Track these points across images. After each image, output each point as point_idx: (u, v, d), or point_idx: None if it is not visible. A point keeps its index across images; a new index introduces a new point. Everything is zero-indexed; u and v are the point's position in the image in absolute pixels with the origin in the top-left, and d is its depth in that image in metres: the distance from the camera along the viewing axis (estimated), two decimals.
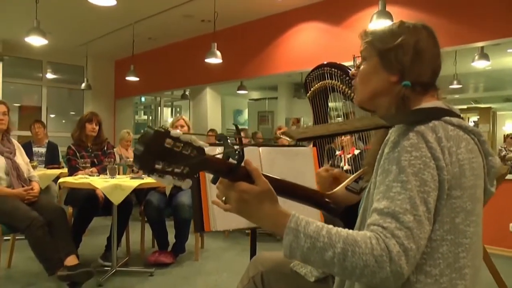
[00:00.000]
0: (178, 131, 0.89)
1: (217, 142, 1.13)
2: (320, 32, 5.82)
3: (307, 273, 1.36)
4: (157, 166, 0.88)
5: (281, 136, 1.12)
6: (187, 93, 9.24)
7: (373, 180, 1.04)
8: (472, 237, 1.00)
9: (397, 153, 0.97)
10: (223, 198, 1.06)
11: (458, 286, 0.97)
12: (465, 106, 10.86)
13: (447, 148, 0.97)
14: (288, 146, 1.84)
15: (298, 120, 10.44)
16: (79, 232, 3.58)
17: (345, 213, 1.28)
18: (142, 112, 11.94)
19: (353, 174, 4.10)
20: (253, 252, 1.94)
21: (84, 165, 3.58)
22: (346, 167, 3.35)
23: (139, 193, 4.14)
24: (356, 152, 3.13)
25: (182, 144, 0.90)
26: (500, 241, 4.28)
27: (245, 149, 1.01)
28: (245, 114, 12.89)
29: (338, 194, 1.33)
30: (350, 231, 0.94)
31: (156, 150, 0.87)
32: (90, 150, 4.00)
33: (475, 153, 1.03)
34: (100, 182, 3.15)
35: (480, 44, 4.58)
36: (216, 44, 5.53)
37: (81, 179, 3.36)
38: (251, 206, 1.01)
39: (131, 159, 4.61)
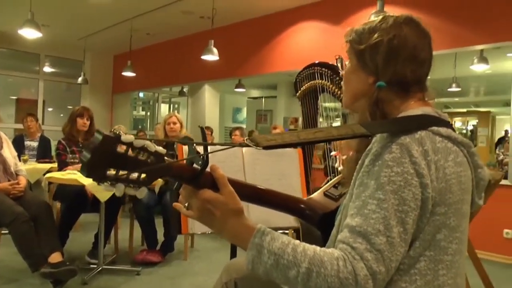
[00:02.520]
0: (130, 136, 0.83)
1: (181, 140, 1.07)
2: (319, 31, 5.76)
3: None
4: (108, 173, 0.82)
5: (247, 142, 1.05)
6: (185, 90, 9.18)
7: (350, 192, 0.99)
8: (454, 254, 0.95)
9: (378, 167, 0.91)
10: (186, 204, 1.00)
11: None
12: (464, 110, 10.79)
13: (434, 162, 0.91)
14: (234, 146, 1.75)
15: (296, 120, 10.40)
16: (66, 228, 3.53)
17: (322, 221, 1.22)
18: (141, 108, 11.90)
19: None
20: (233, 254, 1.89)
21: (73, 160, 3.52)
22: (341, 168, 3.28)
23: None
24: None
25: (136, 150, 0.84)
26: (494, 247, 4.23)
27: (226, 149, 0.95)
28: (244, 112, 12.85)
29: (315, 200, 1.27)
30: (318, 249, 0.89)
31: (106, 157, 0.81)
32: (81, 145, 3.94)
33: (464, 166, 0.97)
34: (87, 179, 3.09)
35: (479, 47, 4.52)
36: (213, 41, 5.47)
37: (68, 174, 3.31)
38: (214, 217, 0.95)
39: None
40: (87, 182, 3.05)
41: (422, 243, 0.91)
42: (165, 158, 0.88)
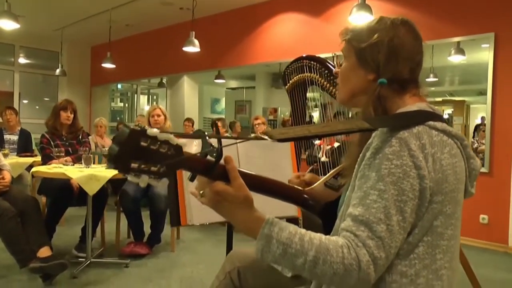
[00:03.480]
0: (155, 129, 0.87)
1: (193, 133, 1.10)
2: (299, 23, 5.81)
3: (284, 269, 1.36)
4: (133, 165, 0.85)
5: (262, 135, 1.10)
6: (164, 81, 9.11)
7: (352, 183, 1.04)
8: (450, 239, 1.01)
9: (378, 160, 0.97)
10: (201, 192, 1.04)
11: (435, 287, 0.98)
12: (440, 99, 11.01)
13: (431, 154, 0.97)
14: (263, 139, 1.81)
15: (275, 110, 10.46)
16: (52, 222, 3.51)
17: (324, 210, 1.27)
18: (119, 99, 11.74)
19: (330, 166, 4.14)
20: (229, 245, 1.93)
21: (58, 154, 3.49)
22: (324, 158, 3.34)
23: (115, 182, 4.08)
24: (336, 145, 3.12)
25: (158, 143, 0.88)
26: (471, 232, 4.39)
27: (222, 141, 0.99)
28: (223, 103, 12.83)
29: (316, 191, 1.32)
30: (323, 237, 0.95)
31: (131, 150, 0.84)
32: (65, 139, 3.91)
33: (458, 157, 1.03)
34: (75, 172, 3.09)
35: (456, 39, 4.65)
36: (194, 32, 5.46)
37: (55, 168, 3.29)
38: (225, 208, 1.00)
39: (107, 148, 4.53)
40: (75, 175, 3.04)
41: (421, 230, 0.97)
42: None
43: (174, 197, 1.72)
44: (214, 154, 0.97)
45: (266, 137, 0.96)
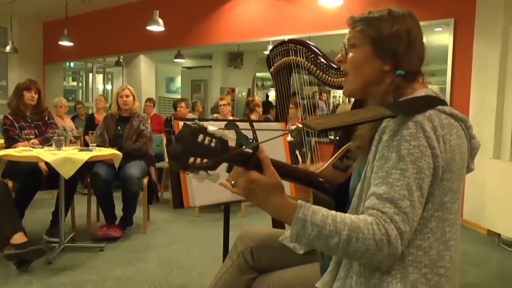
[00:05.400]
0: (213, 127, 0.89)
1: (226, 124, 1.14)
2: (263, 3, 5.81)
3: (296, 246, 1.43)
4: (189, 162, 0.88)
5: (301, 126, 1.14)
6: (121, 59, 8.85)
7: (370, 164, 1.10)
8: (456, 213, 1.11)
9: (397, 141, 1.03)
10: (232, 182, 1.08)
11: (445, 257, 1.08)
12: None
13: (441, 136, 1.05)
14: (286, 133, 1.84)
15: (233, 90, 10.44)
16: (21, 207, 3.40)
17: (336, 191, 1.35)
18: (71, 78, 11.28)
19: (296, 145, 4.29)
20: (226, 227, 1.98)
21: (27, 136, 3.36)
22: (289, 138, 3.43)
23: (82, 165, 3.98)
24: (300, 125, 3.20)
25: (210, 138, 0.91)
26: None
27: (217, 124, 1.02)
28: (178, 82, 12.65)
29: (328, 174, 1.39)
30: (352, 217, 1.01)
31: (190, 147, 0.87)
32: (30, 120, 3.76)
33: (463, 138, 1.12)
34: (48, 155, 2.99)
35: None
36: (158, 11, 5.34)
37: (24, 151, 3.16)
38: (259, 196, 1.04)
39: (74, 130, 4.39)
40: (49, 158, 2.95)
41: (433, 206, 1.06)
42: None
43: (176, 180, 1.74)
44: (251, 147, 1.01)
45: (306, 128, 1.00)
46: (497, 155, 4.10)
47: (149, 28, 5.42)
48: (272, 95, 11.18)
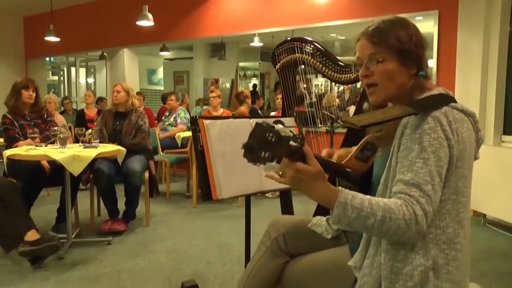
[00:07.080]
0: (279, 125, 1.03)
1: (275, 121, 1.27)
2: None
3: (324, 231, 1.57)
4: (262, 155, 1.02)
5: (344, 123, 1.28)
6: (105, 53, 8.80)
7: (394, 155, 1.25)
8: (467, 196, 1.28)
9: (419, 134, 1.19)
10: (279, 172, 1.21)
11: (460, 234, 1.24)
12: None
13: (455, 129, 1.21)
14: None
15: (216, 81, 10.47)
16: (27, 205, 3.44)
17: (360, 180, 1.49)
18: (50, 72, 11.11)
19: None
20: (247, 217, 2.11)
21: (32, 135, 3.40)
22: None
23: None
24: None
25: (272, 134, 1.04)
26: None
27: (238, 121, 1.16)
28: (160, 74, 12.58)
29: (353, 164, 1.53)
30: (385, 200, 1.16)
31: (262, 143, 1.03)
32: (29, 119, 3.79)
33: (471, 131, 1.29)
34: (56, 153, 3.05)
35: (403, 15, 4.99)
36: (147, 6, 5.37)
37: (31, 150, 3.21)
38: (305, 184, 1.18)
39: (66, 126, 4.41)
40: (57, 157, 3.01)
41: (448, 190, 1.22)
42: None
43: (203, 173, 1.85)
44: (299, 141, 1.15)
45: (349, 125, 1.14)
46: None
47: (139, 23, 5.44)
48: (253, 83, 11.23)
